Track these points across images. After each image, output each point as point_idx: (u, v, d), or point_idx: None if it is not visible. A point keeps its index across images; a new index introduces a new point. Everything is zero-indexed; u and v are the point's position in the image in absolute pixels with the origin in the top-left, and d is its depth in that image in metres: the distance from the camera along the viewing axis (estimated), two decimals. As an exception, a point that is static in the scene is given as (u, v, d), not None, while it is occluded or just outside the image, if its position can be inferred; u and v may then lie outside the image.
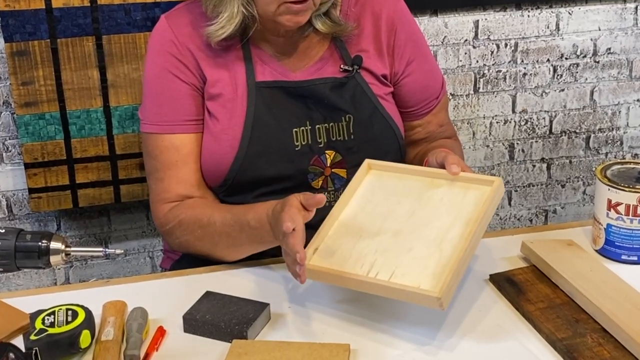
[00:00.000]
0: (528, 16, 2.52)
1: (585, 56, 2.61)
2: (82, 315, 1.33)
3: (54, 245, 1.24)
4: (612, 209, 1.54)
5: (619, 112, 2.71)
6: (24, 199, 2.32)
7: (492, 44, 2.52)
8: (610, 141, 2.74)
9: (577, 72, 2.62)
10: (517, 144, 2.66)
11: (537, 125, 2.66)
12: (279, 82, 1.65)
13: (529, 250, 1.56)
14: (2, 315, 1.42)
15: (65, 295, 1.51)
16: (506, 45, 2.54)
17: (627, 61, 2.65)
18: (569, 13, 2.55)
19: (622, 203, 1.52)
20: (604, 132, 2.72)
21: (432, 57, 1.84)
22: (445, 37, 2.48)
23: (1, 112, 2.24)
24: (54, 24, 2.10)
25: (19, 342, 1.30)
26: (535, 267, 1.53)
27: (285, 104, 1.65)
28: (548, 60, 2.59)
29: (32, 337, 1.28)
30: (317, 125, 1.65)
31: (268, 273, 1.57)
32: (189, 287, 1.52)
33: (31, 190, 2.22)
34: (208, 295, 1.45)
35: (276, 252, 1.58)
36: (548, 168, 2.73)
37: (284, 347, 1.30)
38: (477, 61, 2.53)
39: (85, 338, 1.31)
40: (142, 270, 2.50)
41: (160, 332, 1.38)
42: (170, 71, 1.65)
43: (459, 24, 2.47)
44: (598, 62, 2.62)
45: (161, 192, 1.66)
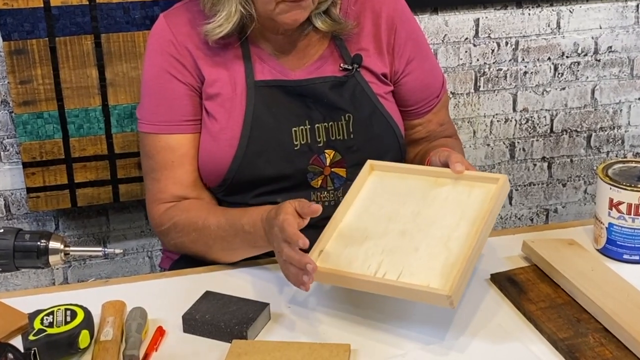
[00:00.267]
0: (529, 14, 2.52)
1: (586, 54, 2.61)
2: (81, 315, 1.32)
3: (53, 245, 1.23)
4: (613, 208, 1.54)
5: (620, 110, 2.71)
6: (22, 198, 2.32)
7: (493, 42, 2.52)
8: (611, 140, 2.74)
9: (578, 71, 2.62)
10: (518, 142, 2.66)
11: (538, 124, 2.66)
12: (278, 81, 1.65)
13: (530, 250, 1.55)
14: (1, 315, 1.42)
15: (64, 295, 1.51)
16: (507, 43, 2.54)
17: (628, 59, 2.65)
18: (569, 11, 2.55)
19: (623, 202, 1.52)
20: (605, 130, 2.72)
21: (433, 56, 1.84)
22: (446, 35, 2.48)
23: (-1, 111, 2.23)
24: (52, 23, 2.09)
25: (17, 342, 1.30)
26: (536, 267, 1.53)
27: (284, 103, 1.64)
28: (549, 58, 2.59)
29: (31, 337, 1.28)
30: (317, 125, 1.65)
31: (268, 273, 1.56)
32: (189, 287, 1.51)
33: (29, 190, 2.22)
34: (207, 295, 1.44)
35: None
36: (549, 167, 2.73)
37: (284, 347, 1.30)
38: (478, 59, 2.53)
39: (84, 338, 1.30)
40: (141, 270, 2.50)
41: (160, 332, 1.38)
42: (168, 71, 1.65)
43: (460, 22, 2.47)
44: (599, 61, 2.62)
45: (157, 193, 1.66)
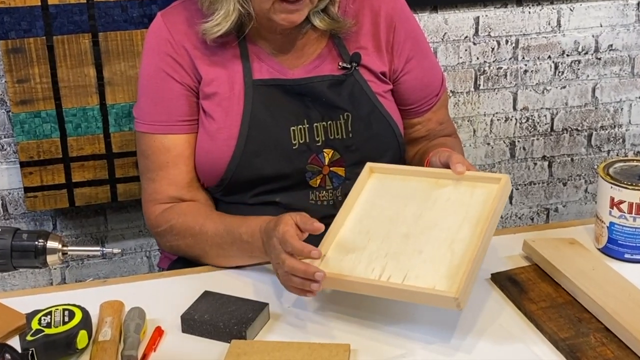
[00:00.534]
0: (529, 12, 2.51)
1: (586, 53, 2.61)
2: (79, 316, 1.32)
3: (51, 244, 1.23)
4: (614, 207, 1.54)
5: (621, 109, 2.71)
6: (19, 198, 2.31)
7: (493, 40, 2.52)
8: (612, 139, 2.74)
9: (578, 69, 2.62)
10: (518, 141, 2.66)
11: (538, 123, 2.65)
12: (276, 80, 1.64)
13: (531, 249, 1.55)
14: (-2, 315, 1.41)
15: (61, 295, 1.51)
16: (507, 41, 2.53)
17: (629, 58, 2.65)
18: (570, 9, 2.55)
19: (625, 201, 1.52)
20: (606, 129, 2.72)
21: (432, 54, 1.84)
22: (446, 33, 2.47)
23: (-3, 110, 2.23)
24: (50, 21, 2.09)
25: (15, 342, 1.28)
26: (537, 266, 1.53)
27: (282, 102, 1.64)
28: (549, 57, 2.59)
29: (29, 337, 1.28)
30: (315, 124, 1.64)
31: (267, 273, 1.56)
32: (187, 286, 1.51)
33: (27, 189, 2.22)
34: (206, 295, 1.44)
35: None
36: (549, 166, 2.72)
37: (284, 348, 1.29)
38: (478, 58, 2.53)
39: (82, 338, 1.30)
40: (139, 270, 2.49)
41: (158, 332, 1.37)
42: (164, 71, 1.64)
43: (459, 20, 2.47)
44: (600, 59, 2.62)
45: (152, 193, 1.66)
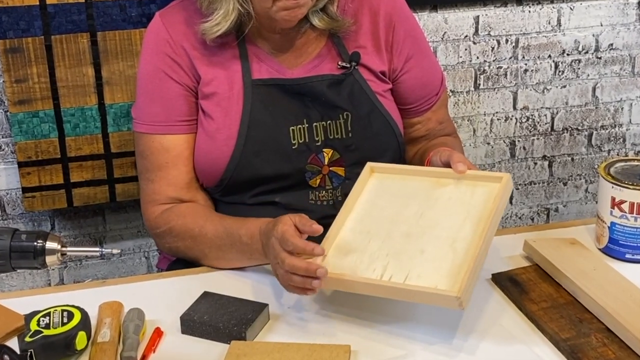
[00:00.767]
0: (529, 11, 2.51)
1: (587, 52, 2.61)
2: (77, 317, 1.32)
3: (50, 245, 1.22)
4: (615, 207, 1.53)
5: (622, 108, 2.71)
6: (17, 198, 2.31)
7: (493, 39, 2.52)
8: (612, 138, 2.74)
9: (578, 68, 2.62)
10: (518, 141, 2.66)
11: (538, 122, 2.65)
12: (275, 80, 1.64)
13: (532, 249, 1.55)
14: (-4, 316, 1.40)
15: (60, 296, 1.51)
16: (507, 41, 2.53)
17: (629, 57, 2.65)
18: (570, 8, 2.55)
19: (626, 201, 1.52)
20: (607, 129, 2.72)
21: (432, 54, 1.84)
22: (445, 33, 2.47)
23: (-5, 110, 2.23)
24: (48, 21, 2.09)
25: (13, 343, 1.29)
26: (538, 266, 1.52)
27: (282, 101, 1.64)
28: (549, 56, 2.58)
29: (27, 338, 1.27)
30: (315, 123, 1.64)
31: (266, 273, 1.55)
32: (186, 287, 1.51)
33: (25, 190, 2.21)
34: (206, 295, 1.44)
35: None
36: (550, 166, 2.72)
37: (284, 349, 1.29)
38: (478, 57, 2.53)
39: (81, 340, 1.30)
40: (138, 271, 2.49)
41: (158, 333, 1.37)
42: (163, 71, 1.64)
43: (459, 19, 2.47)
44: (600, 58, 2.62)
45: (151, 194, 1.66)
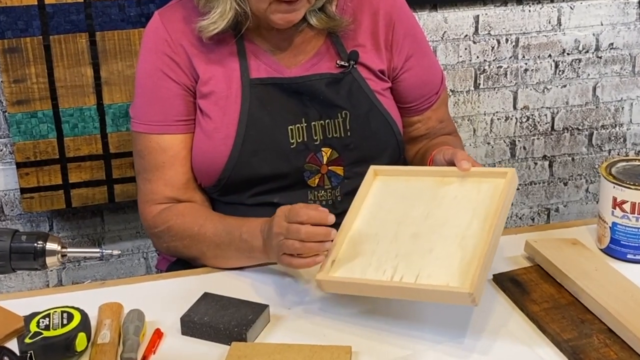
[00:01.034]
0: (529, 11, 2.52)
1: (587, 51, 2.61)
2: (77, 318, 1.32)
3: (50, 246, 1.22)
4: (617, 207, 1.53)
5: (622, 108, 2.71)
6: (15, 199, 2.31)
7: (493, 39, 2.52)
8: (613, 138, 2.74)
9: (579, 68, 2.62)
10: (519, 141, 2.66)
11: (538, 122, 2.66)
12: (273, 79, 1.64)
13: (533, 250, 1.54)
14: (-5, 318, 1.40)
15: (59, 297, 1.50)
16: (507, 40, 2.53)
17: (630, 56, 2.65)
18: (570, 7, 2.55)
19: (627, 201, 1.51)
20: (607, 128, 2.72)
21: (432, 52, 1.84)
22: (445, 32, 2.47)
23: (-7, 111, 2.22)
24: (47, 20, 2.09)
25: (13, 345, 1.29)
26: (539, 267, 1.52)
27: (280, 100, 1.63)
28: (550, 55, 2.59)
29: (27, 340, 1.27)
30: (313, 122, 1.64)
31: (267, 274, 1.55)
32: (186, 288, 1.50)
33: (23, 190, 2.21)
34: (206, 296, 1.43)
35: None
36: (550, 166, 2.73)
37: (284, 350, 1.29)
38: (478, 57, 2.53)
39: (81, 341, 1.30)
40: (137, 272, 2.49)
41: (158, 334, 1.37)
42: (161, 70, 1.64)
43: (459, 19, 2.47)
44: (600, 58, 2.63)
45: (149, 193, 1.66)
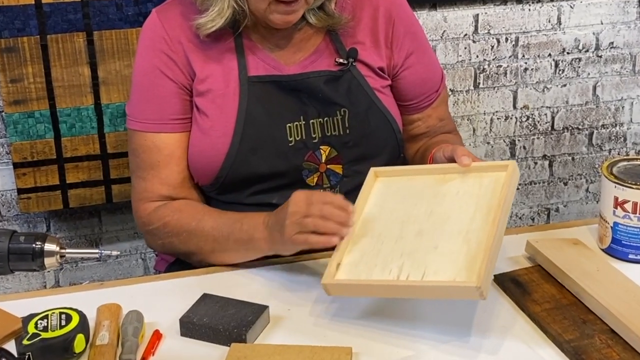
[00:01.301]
0: (529, 10, 2.52)
1: (587, 50, 2.61)
2: (76, 319, 1.31)
3: (49, 247, 1.21)
4: (618, 207, 1.52)
5: (622, 107, 2.71)
6: (12, 199, 2.30)
7: (493, 38, 2.52)
8: (613, 137, 2.75)
9: (579, 67, 2.63)
10: (519, 140, 2.67)
11: (538, 122, 2.66)
12: (272, 77, 1.64)
13: (534, 250, 1.54)
14: (-7, 319, 1.39)
15: (57, 298, 1.49)
16: (507, 39, 2.54)
17: (630, 55, 2.65)
18: (570, 6, 2.56)
19: (629, 201, 1.51)
20: (607, 128, 2.72)
21: (431, 50, 1.84)
22: (445, 31, 2.47)
23: (-10, 111, 2.22)
24: (44, 20, 2.09)
25: (11, 347, 1.28)
26: (540, 267, 1.52)
27: (278, 98, 1.63)
28: (549, 54, 2.59)
29: (25, 341, 1.27)
30: (312, 120, 1.63)
31: (267, 274, 1.55)
32: (186, 289, 1.50)
33: (20, 191, 2.21)
34: (205, 297, 1.43)
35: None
36: (550, 165, 2.73)
37: (284, 351, 1.28)
38: (477, 56, 2.53)
39: (79, 342, 1.29)
40: (135, 273, 2.49)
41: (157, 335, 1.36)
42: (159, 68, 1.63)
43: (459, 18, 2.47)
44: (600, 57, 2.63)
45: (143, 192, 1.65)
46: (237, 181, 1.62)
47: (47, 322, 1.30)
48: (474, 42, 2.51)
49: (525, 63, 2.57)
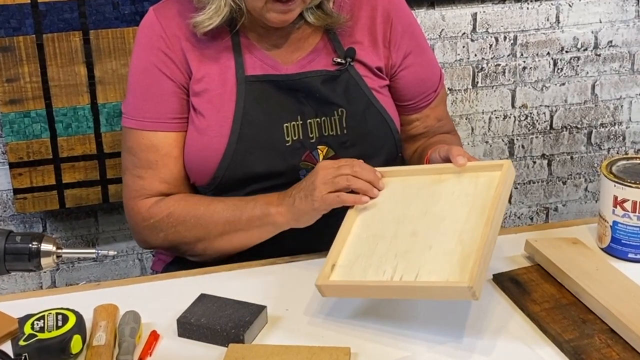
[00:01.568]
0: (527, 8, 2.52)
1: (586, 49, 2.61)
2: (72, 320, 1.31)
3: (45, 247, 1.21)
4: (618, 206, 1.52)
5: (621, 106, 2.72)
6: (8, 199, 2.30)
7: (491, 37, 2.52)
8: (612, 136, 2.75)
9: (578, 66, 2.63)
10: (517, 139, 2.67)
11: (537, 121, 2.66)
12: (269, 76, 1.63)
13: (533, 249, 1.54)
14: (-11, 320, 1.38)
15: (54, 299, 1.48)
16: (505, 38, 2.54)
17: (629, 54, 2.66)
18: (569, 5, 2.56)
19: (628, 200, 1.50)
20: (606, 127, 2.73)
21: (430, 50, 1.83)
22: (443, 30, 2.47)
23: (-14, 110, 2.21)
24: (40, 19, 2.08)
25: (7, 348, 1.26)
26: (539, 267, 1.51)
27: (275, 98, 1.63)
28: (548, 53, 2.59)
29: (21, 342, 1.26)
30: (309, 120, 1.63)
31: (264, 274, 1.54)
32: (183, 289, 1.49)
33: (16, 191, 2.20)
34: (203, 298, 1.42)
35: (271, 253, 1.58)
36: (549, 164, 2.73)
37: (282, 351, 1.28)
38: (476, 55, 2.53)
39: (76, 343, 1.29)
40: (131, 273, 2.48)
41: (154, 336, 1.36)
42: (156, 66, 1.63)
43: (457, 16, 2.47)
44: (599, 55, 2.63)
45: (140, 189, 1.64)
46: (233, 181, 1.62)
47: (44, 323, 1.30)
48: (472, 40, 2.50)
49: (524, 62, 2.57)
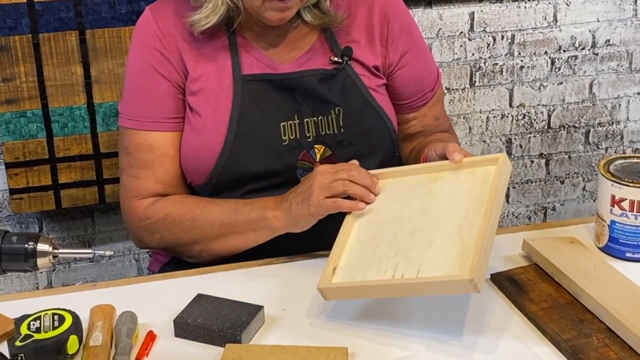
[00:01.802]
0: (525, 7, 2.53)
1: (583, 48, 2.61)
2: (69, 320, 1.31)
3: (41, 247, 1.21)
4: (615, 205, 1.52)
5: (619, 105, 2.72)
6: (4, 200, 2.30)
7: (489, 36, 2.52)
8: (610, 135, 2.75)
9: (575, 65, 2.63)
10: (515, 139, 2.67)
11: (535, 120, 2.66)
12: (265, 75, 1.63)
13: (531, 249, 1.54)
14: (-15, 321, 1.38)
15: (50, 299, 1.48)
16: (503, 37, 2.54)
17: (626, 53, 2.66)
18: (566, 4, 2.56)
19: (626, 199, 1.50)
20: (604, 126, 2.73)
21: (427, 49, 1.83)
22: (440, 29, 2.47)
23: (-18, 110, 2.20)
24: (36, 18, 2.08)
25: (3, 348, 1.27)
26: (537, 266, 1.51)
27: (272, 97, 1.63)
28: (546, 52, 2.60)
29: (18, 343, 1.26)
30: (306, 119, 1.63)
31: (261, 275, 1.54)
32: (180, 290, 1.49)
33: (12, 191, 2.20)
34: (199, 298, 1.42)
35: (268, 252, 1.58)
36: (547, 164, 2.73)
37: (280, 351, 1.28)
38: (473, 54, 2.53)
39: (72, 344, 1.29)
40: (128, 273, 2.48)
41: (151, 336, 1.36)
42: (152, 65, 1.63)
43: (454, 15, 2.47)
44: (597, 54, 2.63)
45: (137, 189, 1.64)
46: (230, 180, 1.62)
47: (40, 324, 1.29)
48: (469, 40, 2.50)
49: (522, 61, 2.57)
